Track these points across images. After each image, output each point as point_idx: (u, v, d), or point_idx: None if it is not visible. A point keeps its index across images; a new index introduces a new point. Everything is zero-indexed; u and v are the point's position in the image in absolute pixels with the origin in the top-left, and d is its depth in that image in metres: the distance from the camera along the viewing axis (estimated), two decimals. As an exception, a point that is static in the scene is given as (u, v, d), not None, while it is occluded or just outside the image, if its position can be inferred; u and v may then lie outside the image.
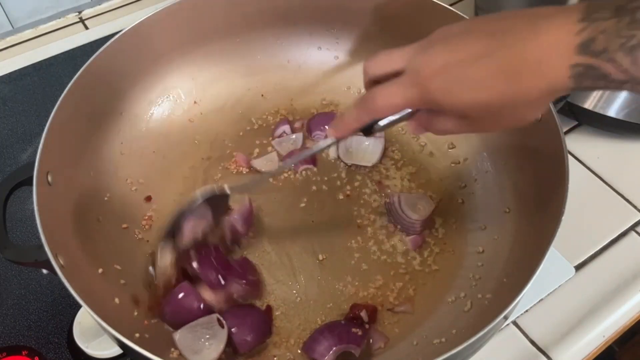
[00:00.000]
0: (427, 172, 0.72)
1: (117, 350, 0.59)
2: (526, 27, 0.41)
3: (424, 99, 0.45)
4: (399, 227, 0.67)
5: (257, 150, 0.74)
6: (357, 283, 0.63)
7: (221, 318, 0.56)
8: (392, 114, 0.49)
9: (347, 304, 0.61)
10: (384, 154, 0.73)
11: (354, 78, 0.78)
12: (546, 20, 0.40)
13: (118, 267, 0.61)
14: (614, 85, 0.40)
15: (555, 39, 0.40)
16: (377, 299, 0.62)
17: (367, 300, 0.62)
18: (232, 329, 0.56)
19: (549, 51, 0.40)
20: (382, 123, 0.49)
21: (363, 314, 0.59)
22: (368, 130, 0.50)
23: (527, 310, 0.65)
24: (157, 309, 0.58)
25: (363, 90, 0.77)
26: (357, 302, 0.61)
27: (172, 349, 0.56)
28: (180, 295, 0.57)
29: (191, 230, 0.59)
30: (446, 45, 0.45)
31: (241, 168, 0.72)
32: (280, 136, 0.74)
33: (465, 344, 0.46)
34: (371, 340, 0.58)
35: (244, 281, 0.59)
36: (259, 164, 0.72)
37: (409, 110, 0.48)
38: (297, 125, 0.76)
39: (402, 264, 0.64)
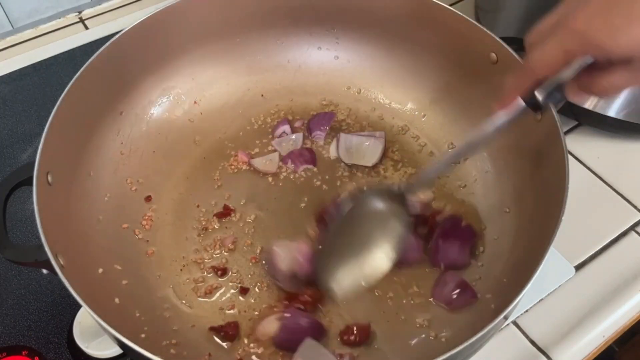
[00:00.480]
0: (427, 172, 0.72)
1: (117, 350, 0.59)
2: None
3: (585, 45, 0.40)
4: None
5: (257, 150, 0.74)
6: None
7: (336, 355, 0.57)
8: (553, 72, 0.44)
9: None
10: (384, 155, 0.73)
11: (354, 78, 0.78)
12: None
13: (118, 267, 0.61)
14: None
15: None
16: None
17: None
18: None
19: None
20: (546, 90, 0.45)
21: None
22: (535, 104, 0.46)
23: (527, 310, 0.65)
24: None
25: (363, 90, 0.78)
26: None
27: (172, 349, 0.56)
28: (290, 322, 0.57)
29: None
30: None
31: (241, 165, 0.72)
32: (280, 136, 0.74)
33: (465, 344, 0.46)
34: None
35: None
36: (259, 163, 0.72)
37: (572, 71, 0.43)
38: (297, 125, 0.76)
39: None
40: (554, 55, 0.43)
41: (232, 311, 0.61)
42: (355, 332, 0.59)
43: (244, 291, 0.62)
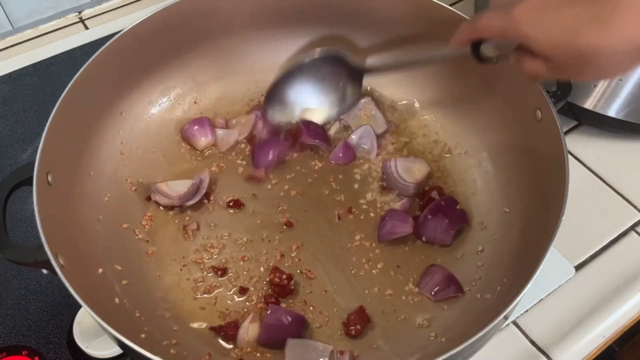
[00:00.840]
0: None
1: (117, 350, 0.59)
2: None
3: (516, 31, 0.47)
4: (396, 192, 0.69)
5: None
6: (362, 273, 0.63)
7: (336, 352, 0.57)
8: (490, 37, 0.53)
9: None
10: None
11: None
12: None
13: (118, 267, 0.61)
14: None
15: None
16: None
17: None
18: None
19: None
20: (487, 46, 0.55)
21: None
22: (478, 55, 0.56)
23: (527, 310, 0.65)
24: None
25: (363, 90, 0.78)
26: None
27: (172, 349, 0.56)
28: (273, 319, 0.58)
29: None
30: None
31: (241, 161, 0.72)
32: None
33: (465, 344, 0.46)
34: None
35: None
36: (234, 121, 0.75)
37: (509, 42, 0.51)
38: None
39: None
40: (495, 27, 0.50)
41: (232, 311, 0.61)
42: (355, 319, 0.59)
43: (243, 291, 0.62)
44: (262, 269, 0.64)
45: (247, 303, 0.62)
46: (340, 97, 0.73)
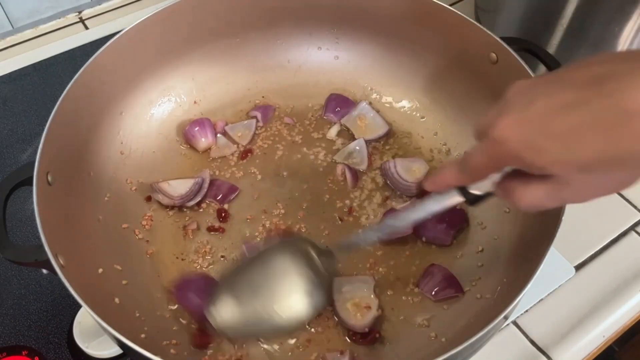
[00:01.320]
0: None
1: (117, 350, 0.59)
2: (629, 72, 0.34)
3: (507, 155, 0.39)
4: (398, 192, 0.69)
5: (257, 151, 0.74)
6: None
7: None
8: (480, 178, 0.44)
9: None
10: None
11: (354, 78, 0.78)
12: None
13: (118, 267, 0.61)
14: None
15: None
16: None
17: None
18: None
19: None
20: (478, 192, 0.46)
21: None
22: (471, 200, 0.47)
23: (527, 310, 0.65)
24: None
25: (363, 90, 0.78)
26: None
27: (172, 349, 0.56)
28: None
29: None
30: (525, 97, 0.38)
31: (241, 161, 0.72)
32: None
33: (465, 344, 0.46)
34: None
35: None
36: (233, 130, 0.74)
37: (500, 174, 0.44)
38: (287, 120, 0.76)
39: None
40: (482, 164, 0.42)
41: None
42: (364, 333, 0.59)
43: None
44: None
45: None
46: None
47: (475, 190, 0.46)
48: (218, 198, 0.68)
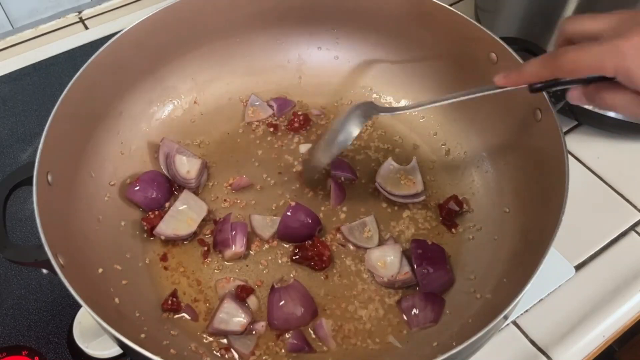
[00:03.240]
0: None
1: (117, 350, 0.59)
2: None
3: (618, 69, 0.42)
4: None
5: (260, 151, 0.74)
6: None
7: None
8: (577, 75, 0.45)
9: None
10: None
11: (354, 78, 0.78)
12: None
13: (118, 267, 0.61)
14: None
15: None
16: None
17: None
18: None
19: None
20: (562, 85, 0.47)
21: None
22: (538, 90, 0.47)
23: (527, 310, 0.65)
24: None
25: (363, 91, 0.78)
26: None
27: (172, 349, 0.56)
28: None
29: None
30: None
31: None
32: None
33: (465, 344, 0.46)
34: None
35: None
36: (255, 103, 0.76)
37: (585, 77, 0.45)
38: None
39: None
40: (588, 63, 0.43)
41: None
42: None
43: (246, 291, 0.62)
44: (265, 271, 0.64)
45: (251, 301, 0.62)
46: None
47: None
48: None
